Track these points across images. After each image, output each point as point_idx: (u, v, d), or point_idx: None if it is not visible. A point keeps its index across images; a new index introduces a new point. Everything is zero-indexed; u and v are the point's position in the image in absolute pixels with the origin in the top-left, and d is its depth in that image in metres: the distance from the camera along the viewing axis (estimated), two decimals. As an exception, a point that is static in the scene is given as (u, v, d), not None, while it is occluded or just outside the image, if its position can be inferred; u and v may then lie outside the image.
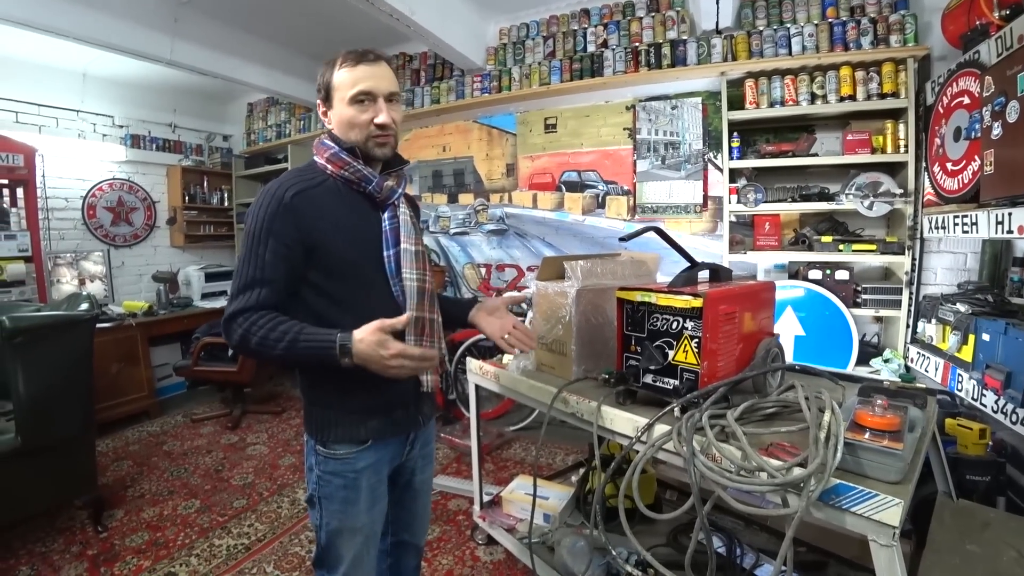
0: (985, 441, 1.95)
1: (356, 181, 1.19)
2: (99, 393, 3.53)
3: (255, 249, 1.12)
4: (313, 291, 1.17)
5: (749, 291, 1.38)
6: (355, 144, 1.19)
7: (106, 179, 4.66)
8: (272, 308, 1.12)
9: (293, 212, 1.12)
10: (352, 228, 1.19)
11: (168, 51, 3.59)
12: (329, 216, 1.15)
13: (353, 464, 1.22)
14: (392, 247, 1.21)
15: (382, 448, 1.26)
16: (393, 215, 1.23)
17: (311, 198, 1.15)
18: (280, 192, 1.13)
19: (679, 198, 3.52)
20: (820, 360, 2.90)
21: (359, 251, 1.19)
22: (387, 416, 1.25)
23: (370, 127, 1.18)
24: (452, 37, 3.59)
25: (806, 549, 1.95)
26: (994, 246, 2.55)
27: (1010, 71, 1.89)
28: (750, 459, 1.01)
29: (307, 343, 1.07)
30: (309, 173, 1.20)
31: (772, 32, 3.08)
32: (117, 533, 2.51)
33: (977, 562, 1.34)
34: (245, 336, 1.09)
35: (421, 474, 1.44)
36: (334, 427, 1.21)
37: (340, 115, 1.19)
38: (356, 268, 1.19)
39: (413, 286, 1.21)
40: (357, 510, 1.24)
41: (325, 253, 1.15)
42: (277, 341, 1.07)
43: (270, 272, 1.11)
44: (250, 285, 1.11)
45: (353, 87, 1.16)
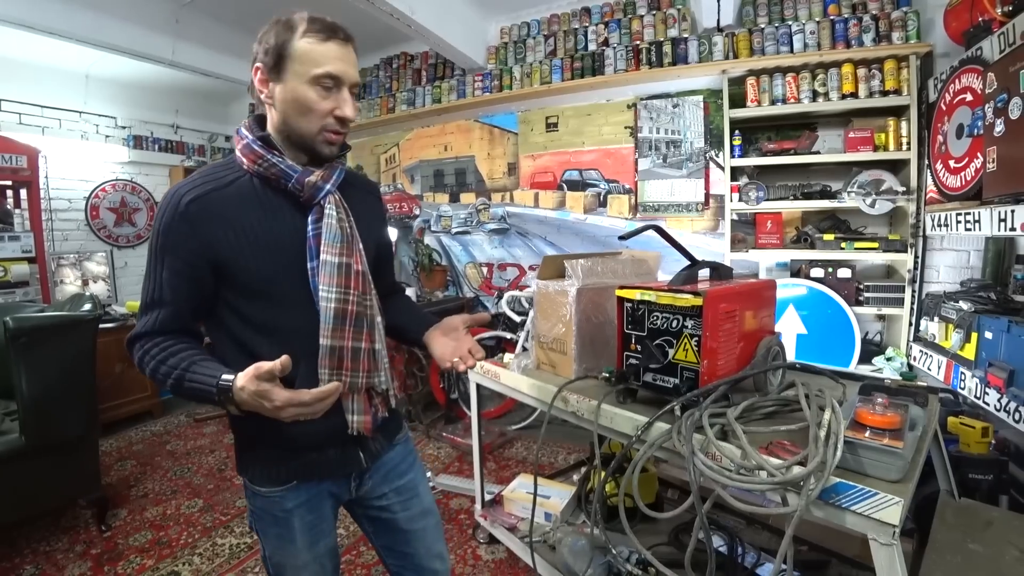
0: (988, 440, 1.94)
1: (273, 178, 0.99)
2: (103, 393, 3.54)
3: (154, 267, 0.98)
4: (229, 312, 1.01)
5: (749, 289, 1.38)
6: (302, 133, 1.00)
7: (109, 180, 4.68)
8: (175, 332, 0.99)
9: (190, 222, 0.95)
10: (267, 237, 0.99)
11: (170, 52, 3.61)
12: (236, 224, 0.97)
13: (281, 503, 1.08)
14: (315, 258, 1.01)
15: (314, 487, 1.10)
16: (317, 218, 1.02)
17: (213, 203, 0.96)
18: (175, 200, 0.95)
19: (681, 196, 3.52)
20: (822, 358, 2.89)
21: (276, 264, 1.00)
22: (311, 455, 1.08)
23: (327, 118, 0.98)
24: (453, 36, 3.60)
25: (808, 548, 1.94)
26: (997, 244, 2.54)
27: (1013, 68, 1.88)
28: (750, 457, 1.01)
29: (191, 384, 0.93)
30: (221, 171, 1.01)
31: (774, 30, 3.07)
32: (121, 532, 2.52)
33: (979, 561, 1.34)
34: (140, 364, 0.98)
35: (404, 511, 1.23)
36: (254, 465, 1.08)
37: (295, 94, 0.96)
38: (273, 285, 1.00)
39: (329, 307, 1.01)
40: (295, 548, 1.10)
41: (235, 268, 0.97)
42: (166, 376, 0.95)
43: (168, 293, 0.97)
44: (149, 307, 0.98)
45: (320, 66, 0.95)
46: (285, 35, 0.95)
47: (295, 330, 1.01)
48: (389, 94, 4.49)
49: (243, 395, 0.87)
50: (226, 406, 0.90)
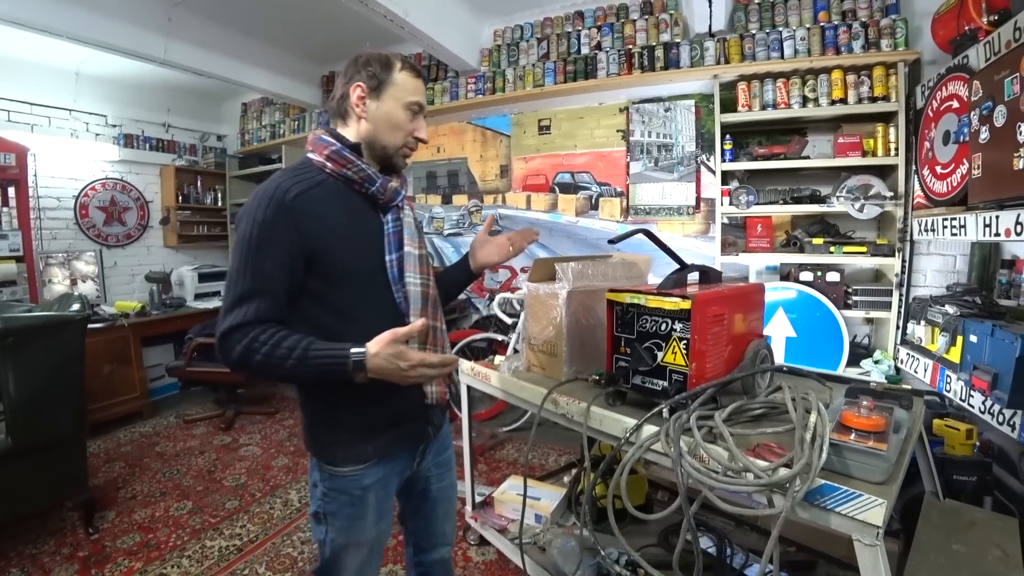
0: (972, 442, 1.97)
1: (359, 181, 1.14)
2: (91, 394, 3.52)
3: (252, 257, 1.03)
4: (313, 301, 1.10)
5: (738, 293, 1.39)
6: (386, 146, 1.18)
7: (99, 179, 4.64)
8: (272, 322, 1.03)
9: (295, 216, 1.04)
10: (351, 231, 1.12)
11: (162, 51, 3.58)
12: (330, 219, 1.09)
13: (360, 481, 1.17)
14: (395, 251, 1.16)
15: (390, 463, 1.22)
16: (396, 218, 1.19)
17: (312, 199, 1.07)
18: (279, 194, 1.04)
19: (672, 200, 3.54)
20: (811, 361, 2.92)
21: (360, 256, 1.13)
22: (393, 432, 1.20)
23: (408, 137, 1.20)
24: (446, 38, 3.60)
25: (796, 549, 1.96)
26: (982, 248, 2.57)
27: (997, 76, 1.91)
28: (736, 460, 1.02)
29: (317, 359, 1.00)
30: (306, 172, 1.11)
31: (764, 35, 3.10)
32: (108, 535, 2.50)
33: (962, 561, 1.36)
34: (245, 353, 1.00)
35: (438, 483, 1.40)
36: (338, 447, 1.16)
37: (388, 113, 1.16)
38: (357, 274, 1.12)
39: (417, 291, 1.17)
40: (364, 525, 1.20)
41: (327, 260, 1.08)
42: (284, 358, 0.99)
43: (270, 283, 1.03)
44: (247, 297, 1.02)
45: (413, 95, 1.17)
46: (388, 69, 1.15)
47: (374, 315, 1.12)
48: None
49: (378, 360, 1.00)
50: (354, 374, 1.00)
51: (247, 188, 5.66)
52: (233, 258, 1.06)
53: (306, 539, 2.46)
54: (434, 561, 1.49)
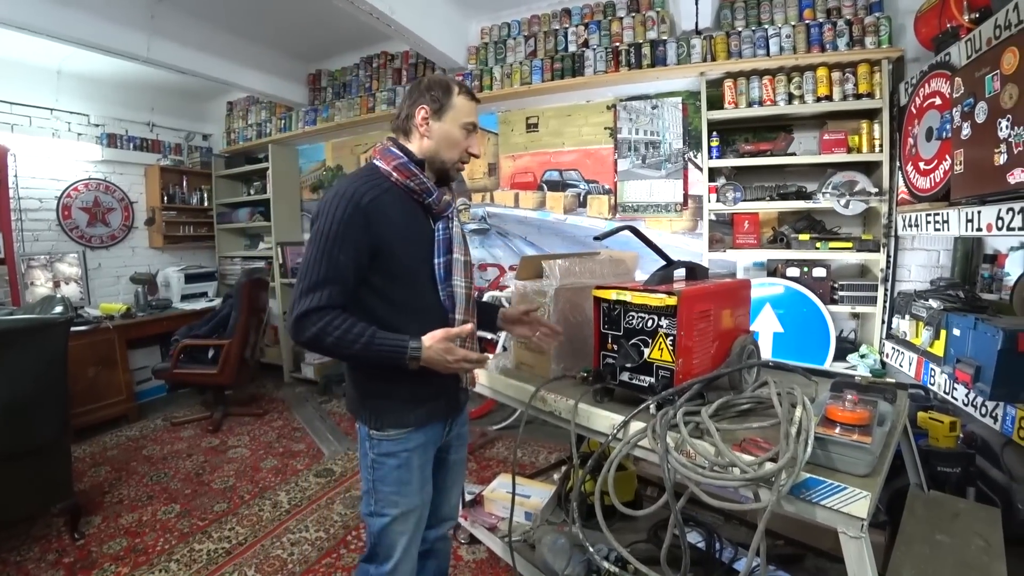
0: (955, 434, 1.99)
1: (419, 192, 1.30)
2: (76, 397, 3.48)
3: (328, 249, 1.19)
4: (372, 292, 1.26)
5: (724, 289, 1.40)
6: (444, 161, 1.34)
7: (82, 179, 4.58)
8: (340, 307, 1.20)
9: (367, 217, 1.20)
10: (410, 234, 1.29)
11: (145, 49, 3.53)
12: (395, 223, 1.26)
13: (405, 443, 1.33)
14: (443, 255, 1.33)
15: (428, 432, 1.38)
16: (447, 226, 1.35)
17: (381, 204, 1.24)
18: (356, 197, 1.21)
19: (660, 197, 3.55)
20: (799, 356, 2.95)
21: (415, 257, 1.31)
22: (431, 404, 1.37)
23: (464, 152, 1.36)
24: (433, 36, 3.58)
25: (784, 542, 1.98)
26: (965, 243, 2.61)
27: (978, 73, 1.93)
28: (723, 455, 1.02)
29: (380, 346, 1.18)
30: (375, 179, 1.28)
31: (751, 33, 3.12)
32: (94, 540, 2.47)
33: (946, 551, 1.37)
34: (319, 334, 1.17)
35: (456, 454, 1.57)
36: (387, 414, 1.32)
37: (447, 133, 1.32)
38: (412, 273, 1.30)
39: (461, 293, 1.34)
40: (411, 489, 1.35)
41: (389, 257, 1.25)
42: (353, 342, 1.17)
43: (342, 272, 1.20)
44: (321, 284, 1.18)
45: (469, 116, 1.35)
46: (447, 92, 1.32)
47: (424, 308, 1.31)
48: (369, 94, 4.46)
49: (430, 352, 1.20)
50: (409, 363, 1.19)
51: (233, 188, 5.61)
52: (309, 249, 1.22)
53: (296, 540, 2.44)
54: (437, 538, 1.62)
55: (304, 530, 2.53)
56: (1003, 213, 1.83)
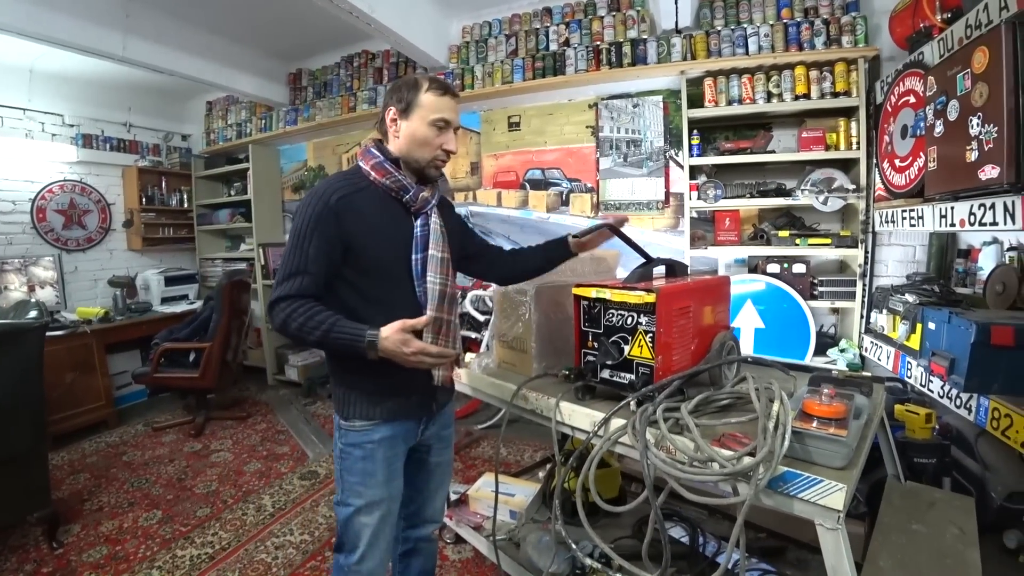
0: (931, 425, 2.03)
1: (395, 190, 1.32)
2: (53, 404, 3.42)
3: (300, 244, 1.24)
4: (346, 286, 1.30)
5: (703, 286, 1.41)
6: (417, 160, 1.34)
7: (56, 181, 4.48)
8: (311, 297, 1.24)
9: (336, 214, 1.24)
10: (386, 232, 1.31)
11: (120, 47, 3.47)
12: (367, 220, 1.28)
13: (370, 435, 1.35)
14: (420, 251, 1.34)
15: (396, 426, 1.38)
16: (425, 223, 1.36)
17: (353, 202, 1.27)
18: (327, 196, 1.25)
19: (641, 195, 3.57)
20: (780, 351, 2.98)
21: (390, 253, 1.32)
22: (399, 400, 1.37)
23: (438, 150, 1.35)
24: (414, 35, 3.56)
25: (767, 535, 2.00)
26: (940, 239, 2.66)
27: (950, 71, 1.97)
28: (702, 450, 1.03)
29: (339, 335, 1.21)
30: (354, 178, 1.33)
31: (730, 32, 3.14)
32: (73, 549, 2.43)
33: (922, 541, 1.40)
34: (287, 319, 1.22)
35: (437, 456, 1.56)
36: (354, 404, 1.35)
37: (415, 131, 1.32)
38: (386, 268, 1.32)
39: (435, 289, 1.34)
40: (376, 481, 1.36)
41: (360, 252, 1.28)
42: (314, 329, 1.20)
43: (312, 265, 1.24)
44: (294, 274, 1.24)
45: (437, 112, 1.32)
46: (415, 91, 1.32)
47: (397, 303, 1.32)
48: (350, 93, 4.43)
49: (387, 343, 1.19)
50: (367, 352, 1.20)
51: (214, 189, 5.54)
52: (287, 244, 1.28)
53: (280, 544, 2.42)
54: (421, 537, 1.63)
55: (289, 533, 2.51)
56: (975, 209, 1.87)
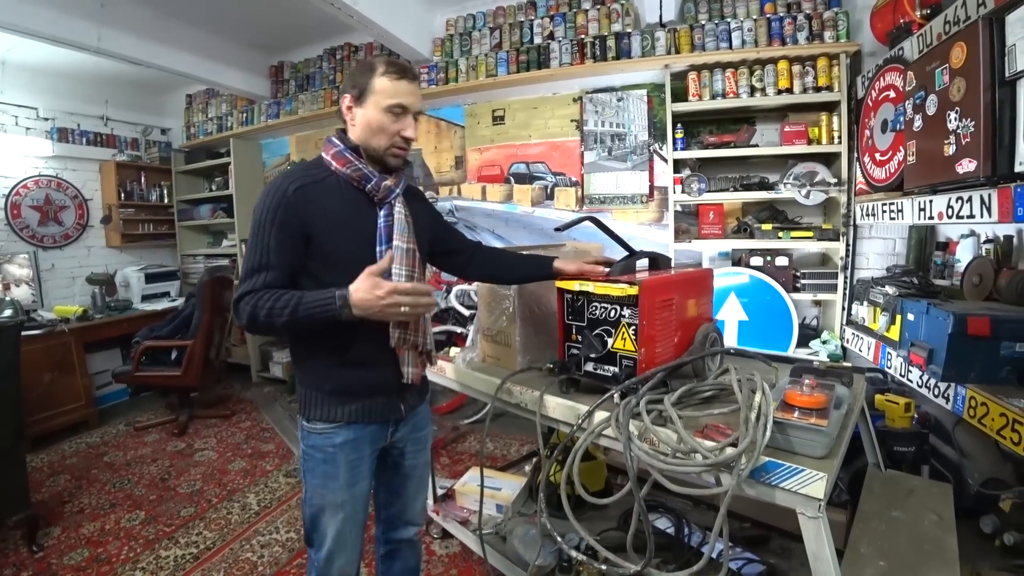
0: (910, 414, 2.07)
1: (357, 179, 1.27)
2: (31, 405, 3.35)
3: (261, 238, 1.20)
4: (310, 279, 1.25)
5: (686, 278, 1.42)
6: (375, 149, 1.28)
7: (31, 176, 4.38)
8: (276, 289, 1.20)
9: (294, 204, 1.20)
10: (348, 223, 1.26)
11: (95, 38, 3.39)
12: (327, 210, 1.24)
13: (331, 439, 1.30)
14: (385, 243, 1.29)
15: (360, 429, 1.33)
16: (389, 213, 1.30)
17: (312, 192, 1.23)
18: (284, 186, 1.21)
19: (626, 189, 3.58)
20: (763, 343, 3.01)
21: (354, 244, 1.27)
22: (364, 401, 1.32)
23: (395, 137, 1.28)
24: (397, 28, 3.52)
25: (751, 524, 2.03)
26: (919, 232, 2.70)
27: (929, 67, 1.99)
28: (685, 441, 1.04)
29: (309, 306, 1.16)
30: (315, 169, 1.29)
31: (713, 26, 3.15)
32: (54, 552, 2.39)
33: (901, 527, 1.43)
34: (254, 312, 1.17)
35: (412, 459, 1.51)
36: (316, 405, 1.30)
37: (370, 118, 1.26)
38: (350, 260, 1.23)
39: (400, 281, 1.27)
40: (337, 485, 1.31)
41: (322, 244, 1.23)
42: (283, 309, 1.16)
43: (275, 258, 1.20)
44: (257, 269, 1.20)
45: (392, 98, 1.25)
46: (369, 75, 1.26)
47: None
48: (333, 86, 4.37)
49: (358, 293, 1.14)
50: (340, 311, 1.14)
51: (194, 184, 5.45)
52: (248, 240, 1.24)
53: (266, 543, 2.40)
54: (402, 540, 1.59)
55: (274, 531, 2.49)
56: (953, 202, 1.90)
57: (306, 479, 1.34)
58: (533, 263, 1.58)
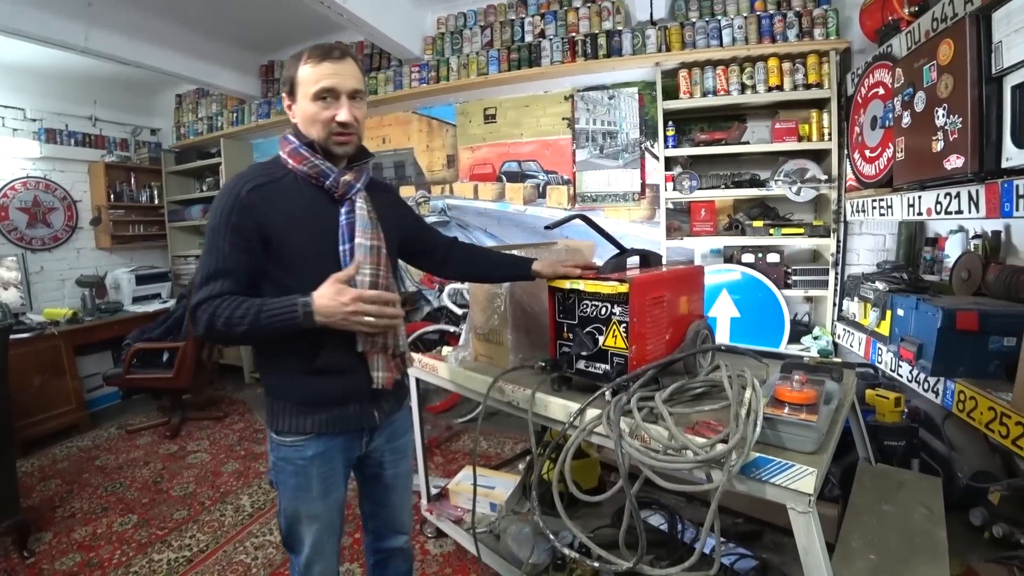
0: (900, 409, 2.09)
1: (314, 176, 1.21)
2: (20, 409, 3.32)
3: (216, 242, 1.15)
4: (271, 284, 1.19)
5: (676, 275, 1.42)
6: (317, 141, 1.21)
7: (19, 177, 4.33)
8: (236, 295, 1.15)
9: (249, 207, 1.14)
10: (308, 223, 1.20)
11: (82, 38, 3.36)
12: (285, 211, 1.17)
13: (302, 451, 1.24)
14: (347, 241, 1.22)
15: (332, 439, 1.27)
16: (350, 210, 1.23)
17: (268, 192, 1.17)
18: (237, 188, 1.15)
19: (618, 186, 3.59)
20: (755, 340, 3.03)
21: (315, 245, 1.21)
22: (334, 410, 1.26)
23: (331, 124, 1.19)
24: (388, 26, 3.51)
25: (743, 520, 2.03)
26: (908, 227, 2.72)
27: (917, 64, 2.01)
28: (675, 438, 1.04)
29: (270, 314, 1.11)
30: (271, 168, 1.23)
31: (704, 24, 3.16)
32: (45, 557, 2.36)
33: (891, 521, 1.44)
34: (211, 320, 1.12)
35: (392, 468, 1.45)
36: (284, 416, 1.24)
37: (303, 111, 1.20)
38: (311, 262, 1.19)
39: (365, 280, 1.21)
40: (310, 497, 1.27)
41: (281, 246, 1.17)
42: (242, 318, 1.10)
43: (231, 264, 1.14)
44: (213, 276, 1.14)
45: (316, 84, 1.17)
46: (293, 67, 1.20)
47: None
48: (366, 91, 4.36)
49: (322, 300, 1.10)
50: (303, 320, 1.10)
51: (185, 184, 5.42)
52: (204, 245, 1.20)
53: (260, 544, 2.39)
54: (392, 548, 1.54)
55: (268, 533, 2.48)
56: (941, 198, 1.91)
57: (279, 489, 1.30)
58: (511, 264, 1.54)
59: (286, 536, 1.33)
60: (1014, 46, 1.53)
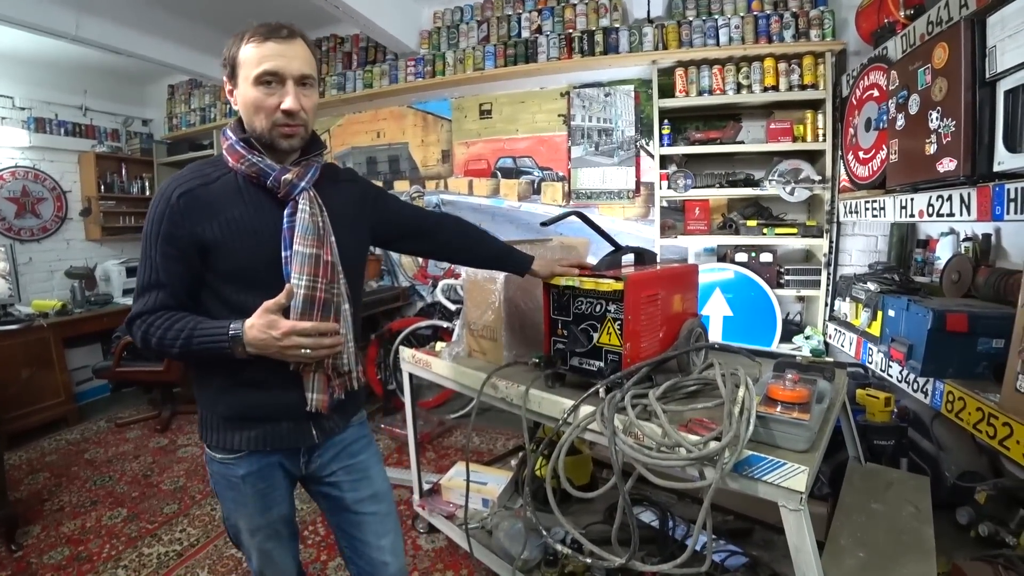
0: (890, 409, 2.11)
1: (254, 175, 1.08)
2: (8, 401, 3.30)
3: (148, 252, 1.07)
4: (210, 294, 1.10)
5: (671, 274, 1.43)
6: (260, 132, 1.08)
7: (7, 167, 4.27)
8: (172, 310, 1.07)
9: (180, 213, 1.04)
10: (248, 227, 1.07)
11: (73, 26, 3.31)
12: (220, 215, 1.06)
13: (234, 470, 1.17)
14: (287, 249, 1.08)
15: (265, 458, 1.18)
16: (292, 212, 1.09)
17: (203, 196, 1.06)
18: (168, 192, 1.06)
19: (612, 184, 3.59)
20: (748, 339, 3.04)
21: (254, 253, 1.08)
22: (264, 427, 1.15)
23: (276, 113, 1.06)
24: (384, 19, 3.49)
25: (734, 517, 2.05)
26: (900, 229, 2.74)
27: (912, 66, 2.02)
28: (669, 435, 1.04)
29: (201, 339, 1.03)
30: (208, 168, 1.11)
31: (701, 23, 3.16)
32: (34, 550, 2.35)
33: (880, 519, 1.46)
34: (145, 337, 1.06)
35: (353, 492, 1.29)
36: (212, 429, 1.17)
37: (244, 96, 1.06)
38: (251, 270, 1.08)
39: (300, 293, 1.07)
40: (248, 512, 1.20)
41: (217, 255, 1.06)
42: (175, 340, 1.03)
43: (163, 275, 1.06)
44: (146, 288, 1.07)
45: (258, 65, 1.03)
46: (235, 46, 1.07)
47: None
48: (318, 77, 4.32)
49: (253, 331, 1.00)
50: (235, 350, 1.02)
51: (177, 176, 5.36)
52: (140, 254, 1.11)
53: (249, 539, 2.38)
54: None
55: (258, 527, 2.47)
56: (933, 200, 1.93)
57: (220, 500, 1.24)
58: (511, 263, 1.46)
59: (233, 540, 1.28)
60: (1008, 51, 1.54)
